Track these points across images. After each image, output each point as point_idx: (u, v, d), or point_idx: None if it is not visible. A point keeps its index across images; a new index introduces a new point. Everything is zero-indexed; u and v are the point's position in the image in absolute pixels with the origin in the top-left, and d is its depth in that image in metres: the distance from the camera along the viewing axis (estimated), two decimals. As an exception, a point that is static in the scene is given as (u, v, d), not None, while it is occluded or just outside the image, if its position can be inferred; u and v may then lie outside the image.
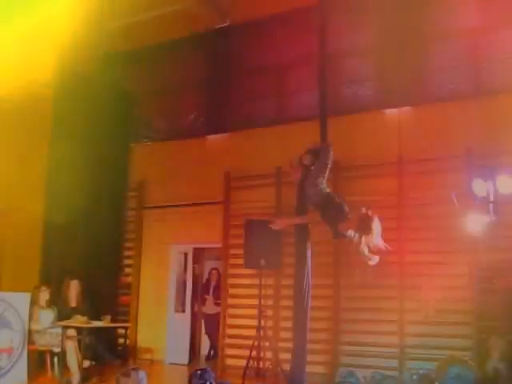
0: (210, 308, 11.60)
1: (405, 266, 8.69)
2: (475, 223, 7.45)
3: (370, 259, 5.50)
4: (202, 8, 10.74)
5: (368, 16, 9.60)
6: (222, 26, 11.16)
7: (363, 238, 5.39)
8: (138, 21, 11.81)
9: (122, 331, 10.25)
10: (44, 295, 9.01)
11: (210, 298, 11.64)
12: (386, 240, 8.66)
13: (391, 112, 9.15)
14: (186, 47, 11.50)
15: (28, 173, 9.58)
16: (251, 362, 8.96)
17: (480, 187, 7.38)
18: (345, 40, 9.71)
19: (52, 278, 9.71)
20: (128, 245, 11.56)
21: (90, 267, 10.45)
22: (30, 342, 8.66)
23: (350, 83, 9.63)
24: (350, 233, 5.48)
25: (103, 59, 12.13)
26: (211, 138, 11.05)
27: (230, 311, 10.30)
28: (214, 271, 11.86)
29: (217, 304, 11.17)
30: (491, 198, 7.32)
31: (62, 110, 10.14)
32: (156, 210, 11.31)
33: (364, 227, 5.36)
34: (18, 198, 9.48)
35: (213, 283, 11.75)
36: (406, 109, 8.82)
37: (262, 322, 9.23)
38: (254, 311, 9.39)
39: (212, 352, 11.56)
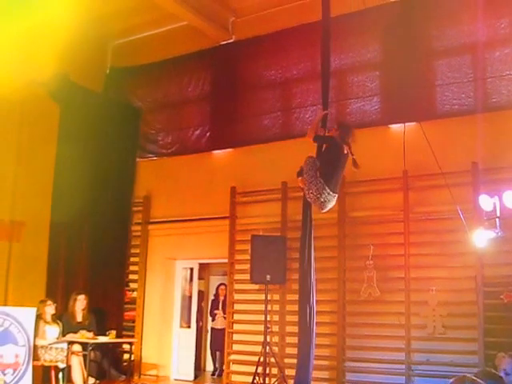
0: (219, 323, 11.57)
1: (411, 281, 8.65)
2: (482, 238, 7.41)
3: None
4: (208, 24, 10.81)
5: (374, 32, 9.63)
6: (228, 41, 11.24)
7: None
8: (144, 37, 11.97)
9: (127, 347, 10.25)
10: (50, 310, 9.01)
11: (220, 312, 11.62)
12: (393, 255, 8.75)
13: (397, 127, 9.16)
14: (191, 63, 11.56)
15: (35, 186, 9.65)
16: (257, 378, 8.92)
17: (486, 202, 7.34)
18: (351, 56, 9.74)
19: (58, 293, 9.72)
20: (133, 260, 11.55)
21: (96, 282, 10.46)
22: (36, 357, 8.64)
23: (356, 98, 9.64)
24: None
25: (110, 74, 12.27)
26: (217, 152, 11.10)
27: (236, 327, 10.27)
28: (222, 286, 11.85)
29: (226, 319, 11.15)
30: (498, 213, 7.28)
31: (68, 125, 10.22)
32: (161, 225, 11.32)
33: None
34: (24, 211, 9.56)
35: (222, 298, 11.74)
36: (412, 124, 8.82)
37: (268, 338, 9.19)
38: (260, 327, 9.36)
39: (217, 368, 11.51)
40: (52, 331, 9.05)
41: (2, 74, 8.82)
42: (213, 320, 11.86)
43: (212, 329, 11.86)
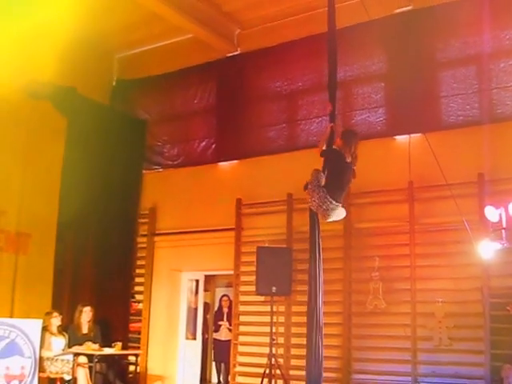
0: (223, 334, 11.56)
1: (417, 293, 8.63)
2: (488, 249, 7.40)
3: None
4: (213, 37, 10.87)
5: (378, 44, 9.67)
6: (233, 54, 11.28)
7: None
8: (150, 49, 12.05)
9: (133, 358, 10.24)
10: (56, 322, 9.02)
11: (224, 324, 11.61)
12: (398, 267, 8.73)
13: (402, 138, 9.18)
14: (197, 75, 11.60)
15: (41, 198, 9.70)
16: (262, 390, 8.90)
17: (492, 213, 7.33)
18: (356, 67, 9.77)
19: (64, 304, 9.73)
20: (139, 271, 11.55)
21: (102, 294, 10.47)
22: (41, 369, 8.65)
23: (361, 110, 9.66)
24: None
25: (116, 86, 12.34)
26: (222, 164, 11.12)
27: (241, 338, 10.25)
28: (224, 298, 11.85)
29: (230, 330, 11.14)
30: (504, 224, 7.27)
31: (75, 137, 10.26)
32: (167, 237, 11.32)
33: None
34: (31, 223, 9.60)
35: (225, 310, 11.72)
36: (417, 135, 8.84)
37: (274, 350, 9.17)
38: (265, 339, 9.34)
39: (222, 380, 11.49)
40: (58, 343, 9.06)
41: (10, 91, 8.96)
42: (216, 331, 11.85)
43: (215, 340, 11.85)
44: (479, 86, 8.79)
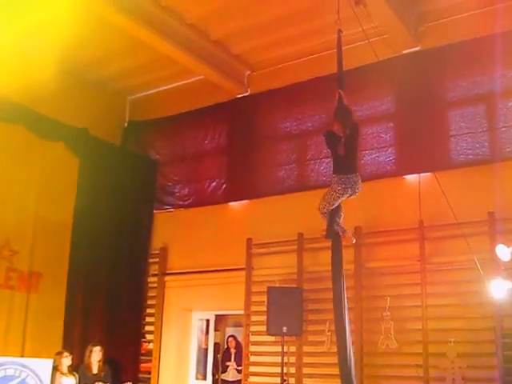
0: (230, 375, 11.47)
1: (429, 333, 8.55)
2: (500, 288, 7.38)
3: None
4: (224, 78, 11.04)
5: (387, 84, 9.79)
6: (243, 95, 11.44)
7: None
8: (161, 91, 12.27)
9: (143, 398, 10.16)
10: (66, 362, 8.97)
11: (232, 364, 11.53)
12: (410, 306, 8.68)
13: (412, 178, 9.22)
14: (208, 116, 11.75)
15: (53, 237, 9.79)
16: (274, 431, 8.81)
17: (503, 252, 7.34)
18: (365, 107, 9.87)
19: (75, 344, 9.71)
20: (150, 311, 11.53)
21: (112, 333, 10.45)
22: (51, 409, 8.59)
23: (370, 150, 9.73)
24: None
25: (128, 127, 12.53)
26: (233, 204, 11.17)
27: (251, 379, 10.15)
28: (230, 338, 11.81)
29: (239, 371, 11.05)
30: (515, 263, 7.28)
31: (87, 177, 10.39)
32: (178, 276, 11.33)
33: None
34: (43, 263, 9.67)
35: (233, 350, 11.65)
36: (427, 174, 8.88)
37: (285, 390, 9.09)
38: (276, 379, 9.25)
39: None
40: (68, 383, 9.00)
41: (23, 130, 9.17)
42: (224, 372, 11.76)
43: (223, 381, 11.75)
44: (488, 125, 8.84)
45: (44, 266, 9.68)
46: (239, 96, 11.46)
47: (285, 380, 9.19)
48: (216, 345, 11.93)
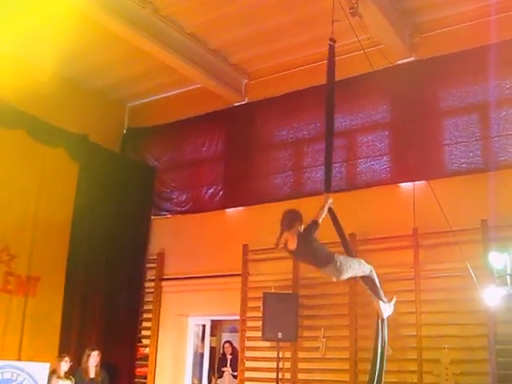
0: (226, 381, 11.52)
1: (423, 339, 8.63)
2: (493, 295, 7.45)
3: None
4: (221, 87, 11.15)
5: (382, 93, 9.90)
6: (241, 103, 11.55)
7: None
8: (160, 99, 12.38)
9: (139, 403, 10.20)
10: (65, 366, 9.03)
11: (228, 369, 11.58)
12: (404, 313, 8.75)
13: (406, 186, 9.32)
14: (205, 123, 11.83)
15: (52, 242, 9.86)
16: None
17: (497, 259, 7.40)
18: (360, 116, 9.98)
19: (71, 348, 9.76)
20: (146, 316, 11.59)
21: (109, 338, 10.50)
22: (47, 413, 8.63)
23: (365, 158, 9.83)
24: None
25: (127, 134, 12.64)
26: (229, 211, 11.25)
27: (247, 385, 10.22)
28: (226, 344, 11.86)
29: (234, 377, 11.11)
30: (508, 270, 7.33)
31: (86, 183, 10.49)
32: (174, 282, 11.38)
33: None
34: (40, 267, 9.74)
35: (229, 356, 11.70)
36: (421, 183, 8.98)
37: (280, 396, 9.14)
38: (272, 385, 9.33)
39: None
40: (65, 387, 9.07)
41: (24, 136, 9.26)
42: (220, 377, 11.80)
43: (220, 387, 11.81)
44: (481, 134, 8.94)
45: (42, 271, 9.75)
46: (236, 104, 11.56)
47: (280, 385, 9.26)
48: (213, 349, 11.97)
